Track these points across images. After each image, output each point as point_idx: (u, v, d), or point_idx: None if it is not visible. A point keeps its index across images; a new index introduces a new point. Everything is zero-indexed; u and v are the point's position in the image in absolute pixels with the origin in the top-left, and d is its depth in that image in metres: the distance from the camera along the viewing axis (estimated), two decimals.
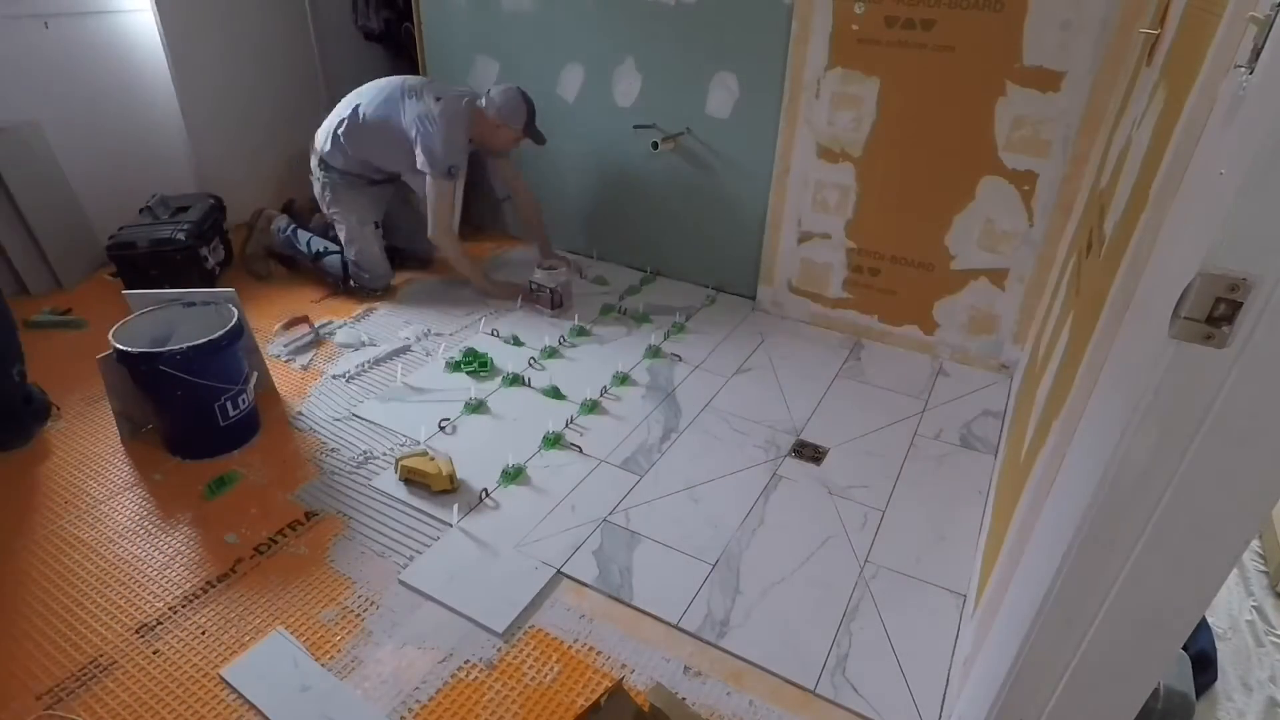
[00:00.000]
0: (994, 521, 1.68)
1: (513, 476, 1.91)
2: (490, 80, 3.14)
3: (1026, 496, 1.29)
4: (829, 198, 2.56)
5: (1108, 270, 1.19)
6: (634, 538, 1.75)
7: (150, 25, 2.94)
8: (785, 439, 2.12)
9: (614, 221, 3.13)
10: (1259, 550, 1.83)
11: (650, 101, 2.81)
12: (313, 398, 2.23)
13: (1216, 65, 0.85)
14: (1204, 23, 1.01)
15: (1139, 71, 1.66)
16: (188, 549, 1.68)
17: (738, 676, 1.44)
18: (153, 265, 2.61)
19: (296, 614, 1.53)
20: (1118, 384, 0.84)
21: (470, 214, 3.41)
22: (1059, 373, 1.42)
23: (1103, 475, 0.75)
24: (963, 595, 1.63)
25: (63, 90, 2.75)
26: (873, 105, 2.36)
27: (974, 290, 2.45)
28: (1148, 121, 1.29)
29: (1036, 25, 2.06)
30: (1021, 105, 2.16)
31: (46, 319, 2.54)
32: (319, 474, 1.92)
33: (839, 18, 2.30)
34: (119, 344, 1.80)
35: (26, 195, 2.60)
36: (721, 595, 1.61)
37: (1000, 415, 2.26)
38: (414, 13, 3.20)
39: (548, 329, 2.60)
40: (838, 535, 1.78)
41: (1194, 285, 0.62)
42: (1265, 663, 1.53)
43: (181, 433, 1.96)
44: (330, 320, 2.65)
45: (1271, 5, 0.61)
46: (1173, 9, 1.42)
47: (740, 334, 2.68)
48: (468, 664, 1.44)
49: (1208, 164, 0.74)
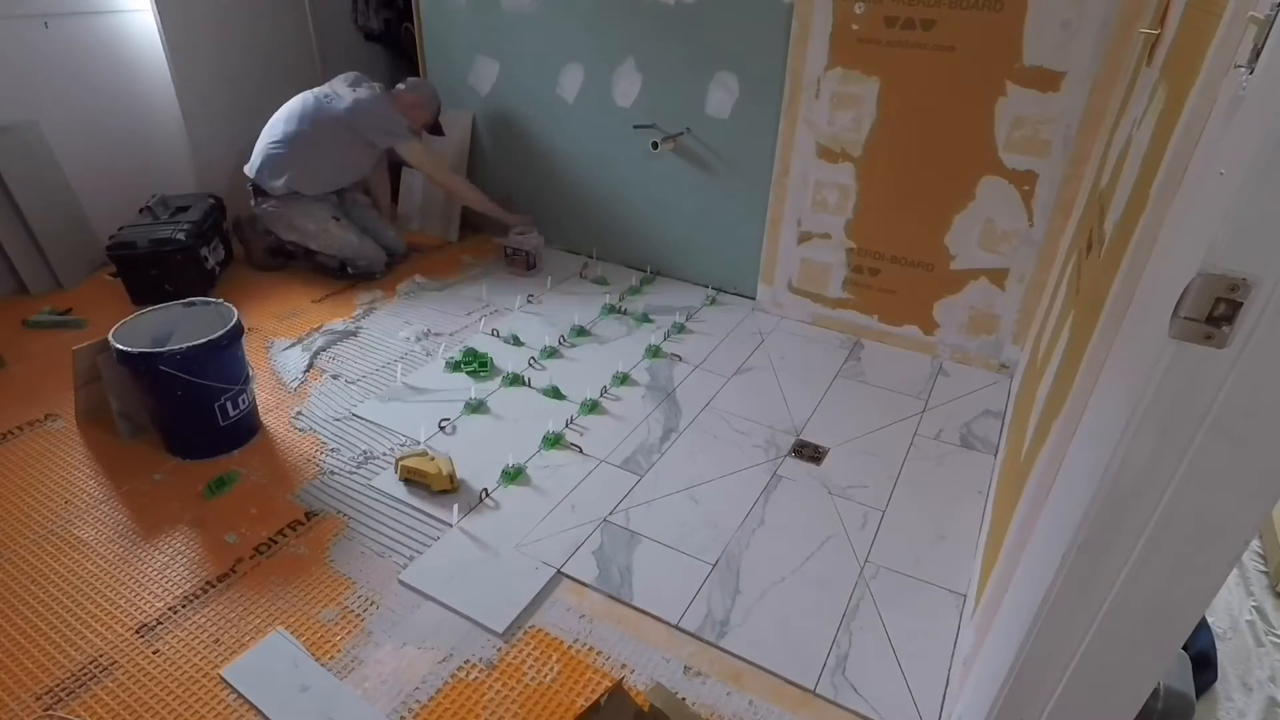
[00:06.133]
0: (994, 521, 1.67)
1: (513, 476, 1.91)
2: (491, 81, 3.14)
3: (1026, 496, 1.29)
4: (829, 198, 2.56)
5: (1108, 270, 1.19)
6: (634, 538, 1.75)
7: (150, 25, 2.94)
8: (785, 439, 2.12)
9: (614, 221, 3.13)
10: (1259, 550, 1.83)
11: (650, 101, 2.81)
12: (313, 398, 2.23)
13: (1216, 65, 0.85)
14: (1204, 23, 1.01)
15: (1139, 71, 1.66)
16: (188, 549, 1.68)
17: (738, 676, 1.44)
18: (153, 265, 2.60)
19: (296, 614, 1.53)
20: (1117, 384, 0.83)
21: (470, 214, 3.42)
22: (1059, 373, 1.41)
23: (1103, 475, 0.75)
24: (963, 595, 1.63)
25: (62, 90, 2.75)
26: (873, 105, 2.36)
27: (974, 290, 2.45)
28: (1148, 121, 1.29)
29: (1036, 25, 2.06)
30: (1021, 105, 2.16)
31: (46, 319, 2.54)
32: (319, 474, 1.92)
33: (839, 18, 2.30)
34: (119, 344, 1.80)
35: (26, 195, 2.61)
36: (721, 595, 1.61)
37: (1000, 415, 2.26)
38: (414, 13, 3.20)
39: (548, 329, 2.60)
40: (838, 535, 1.78)
41: (1194, 285, 0.62)
42: (1265, 663, 1.53)
43: (181, 433, 1.96)
44: (329, 321, 2.66)
45: (1272, 5, 0.61)
46: (1173, 9, 1.42)
47: (740, 334, 2.68)
48: (468, 664, 1.44)
49: (1208, 164, 0.74)
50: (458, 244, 3.37)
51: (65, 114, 2.76)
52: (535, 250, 3.08)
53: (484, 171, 3.37)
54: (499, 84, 3.14)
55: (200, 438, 1.95)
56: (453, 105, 3.29)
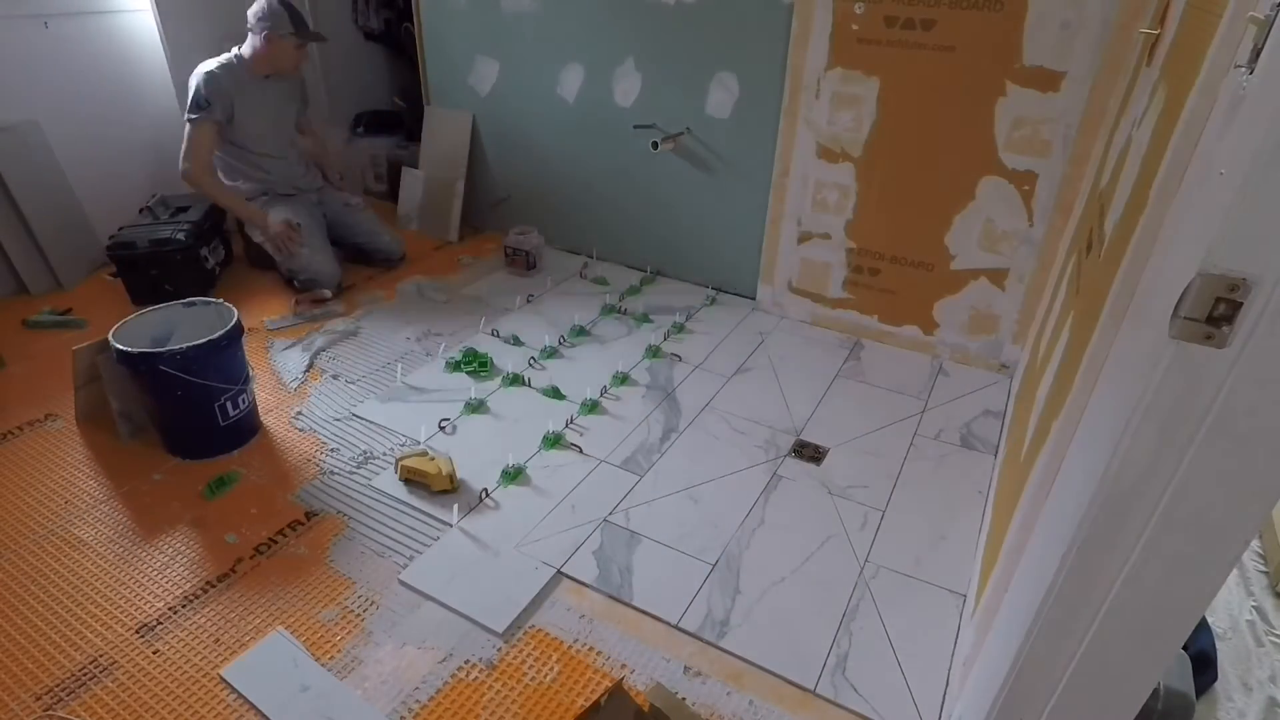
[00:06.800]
0: (994, 521, 1.67)
1: (513, 476, 1.91)
2: (491, 81, 3.14)
3: (1026, 496, 1.29)
4: (829, 197, 2.56)
5: (1108, 270, 1.19)
6: (634, 538, 1.75)
7: (150, 25, 2.94)
8: (785, 439, 2.12)
9: (614, 221, 3.13)
10: (1259, 550, 1.83)
11: (650, 101, 2.81)
12: (313, 398, 2.23)
13: (1216, 65, 0.85)
14: (1204, 23, 1.01)
15: (1139, 71, 1.66)
16: (188, 549, 1.68)
17: (737, 676, 1.44)
18: (153, 265, 2.60)
19: (296, 614, 1.53)
20: (1117, 384, 0.83)
21: (469, 214, 3.42)
22: (1059, 373, 1.41)
23: (1103, 475, 0.75)
24: (963, 595, 1.63)
25: (63, 90, 2.75)
26: (873, 105, 2.36)
27: (974, 290, 2.45)
28: (1148, 121, 1.29)
29: (1036, 25, 2.06)
30: (1021, 105, 2.16)
31: (46, 319, 2.54)
32: (319, 474, 1.92)
33: (839, 18, 2.30)
34: (119, 344, 1.80)
35: (26, 195, 2.61)
36: (721, 595, 1.61)
37: (1000, 415, 2.26)
38: (414, 13, 3.20)
39: (548, 329, 2.60)
40: (838, 535, 1.78)
41: (1194, 285, 0.62)
42: (1265, 663, 1.53)
43: (181, 433, 1.96)
44: (329, 322, 2.65)
45: (1271, 5, 0.61)
46: (1173, 9, 1.42)
47: (740, 334, 2.68)
48: (468, 664, 1.44)
49: (1208, 164, 0.74)
50: (458, 244, 3.37)
51: (65, 114, 2.76)
52: (535, 250, 3.08)
53: (484, 171, 3.37)
54: (499, 84, 3.14)
55: (200, 438, 1.95)
56: (453, 105, 3.30)
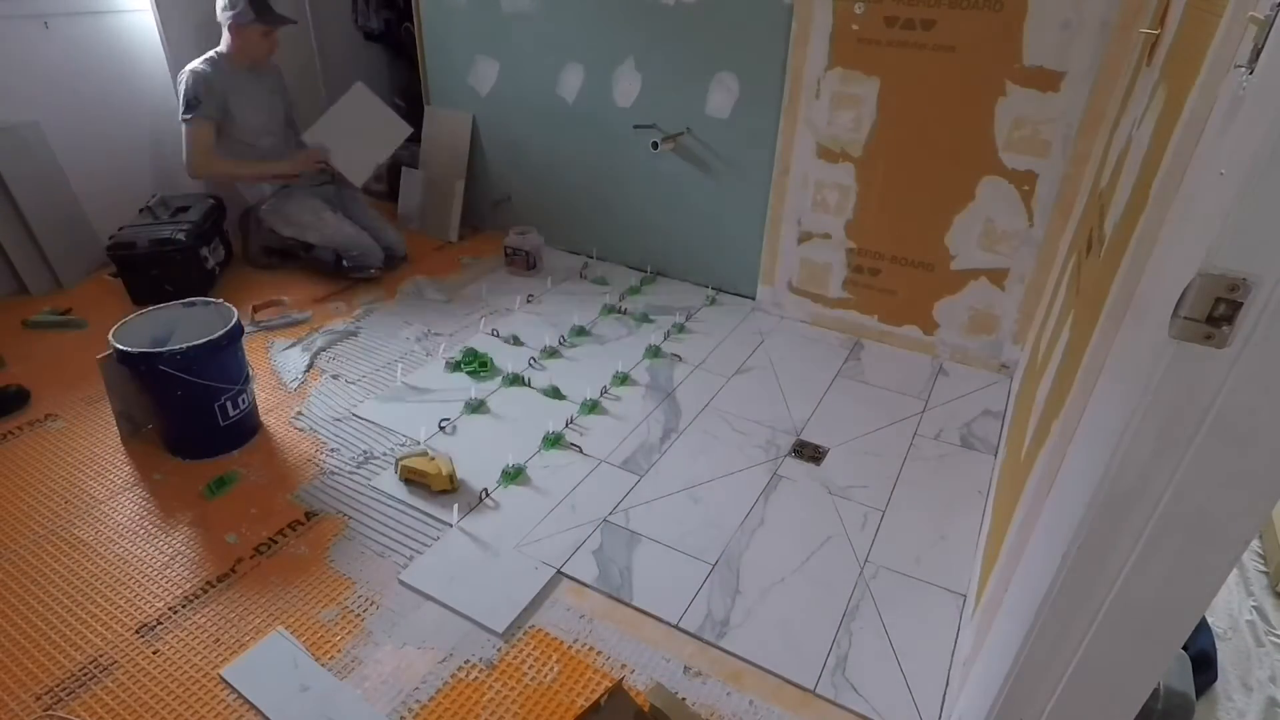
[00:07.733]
0: (994, 521, 1.67)
1: (513, 476, 1.91)
2: (491, 81, 3.14)
3: (1026, 496, 1.29)
4: (829, 198, 2.56)
5: (1108, 270, 1.19)
6: (634, 538, 1.75)
7: (150, 25, 2.94)
8: (785, 439, 2.12)
9: (614, 221, 3.13)
10: (1259, 550, 1.83)
11: (650, 101, 2.81)
12: (313, 398, 2.23)
13: (1216, 65, 0.85)
14: (1204, 23, 1.01)
15: (1139, 71, 1.66)
16: (188, 549, 1.68)
17: (737, 676, 1.44)
18: (153, 265, 2.61)
19: (296, 614, 1.53)
20: (1118, 384, 0.83)
21: (469, 214, 3.42)
22: (1059, 373, 1.41)
23: (1103, 475, 0.75)
24: (963, 595, 1.63)
25: (63, 90, 2.75)
26: (873, 105, 2.36)
27: (974, 290, 2.45)
28: (1148, 121, 1.29)
29: (1036, 25, 2.06)
30: (1021, 105, 2.16)
31: (46, 319, 2.54)
32: (319, 474, 1.92)
33: (839, 18, 2.30)
34: (119, 344, 1.80)
35: (26, 195, 2.61)
36: (721, 595, 1.61)
37: (1000, 415, 2.26)
38: (414, 13, 3.20)
39: (548, 329, 2.60)
40: (838, 535, 1.78)
41: (1194, 285, 0.62)
42: (1265, 663, 1.53)
43: (181, 433, 1.96)
44: (329, 322, 2.66)
45: (1271, 5, 0.61)
46: (1173, 9, 1.42)
47: (740, 334, 2.68)
48: (468, 664, 1.44)
49: (1208, 164, 0.74)
50: (458, 244, 3.37)
51: (65, 114, 2.76)
52: (535, 250, 3.09)
53: (484, 171, 3.37)
54: (499, 84, 3.14)
55: (200, 438, 1.95)
56: (453, 105, 3.30)
